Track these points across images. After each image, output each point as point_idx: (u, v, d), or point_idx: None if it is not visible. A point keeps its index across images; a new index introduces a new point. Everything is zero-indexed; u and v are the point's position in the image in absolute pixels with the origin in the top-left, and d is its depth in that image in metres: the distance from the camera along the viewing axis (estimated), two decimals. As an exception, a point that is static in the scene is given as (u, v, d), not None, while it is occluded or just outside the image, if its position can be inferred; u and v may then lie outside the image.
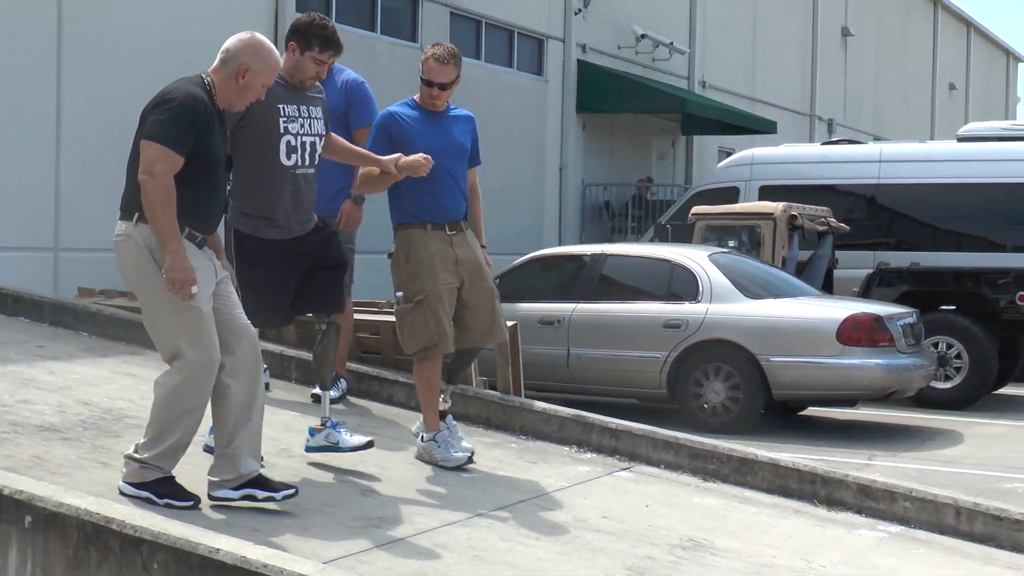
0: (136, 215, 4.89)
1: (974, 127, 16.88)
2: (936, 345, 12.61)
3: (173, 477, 4.97)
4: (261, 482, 5.08)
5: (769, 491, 6.67)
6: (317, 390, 6.27)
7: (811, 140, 28.64)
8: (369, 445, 5.91)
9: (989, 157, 15.51)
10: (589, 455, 7.02)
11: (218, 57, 5.07)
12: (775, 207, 13.30)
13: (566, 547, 5.25)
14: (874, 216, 15.85)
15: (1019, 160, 15.34)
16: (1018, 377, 14.02)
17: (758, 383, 10.39)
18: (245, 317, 5.11)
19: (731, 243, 13.59)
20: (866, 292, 13.26)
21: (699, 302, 10.74)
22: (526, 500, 5.88)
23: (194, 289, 4.81)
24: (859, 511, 6.43)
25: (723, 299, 10.72)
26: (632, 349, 10.87)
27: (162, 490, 4.91)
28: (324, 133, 5.88)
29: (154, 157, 4.79)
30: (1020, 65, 52.63)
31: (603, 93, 21.92)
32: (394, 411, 7.45)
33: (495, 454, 6.75)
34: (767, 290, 11.08)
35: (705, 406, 10.61)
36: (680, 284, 11.00)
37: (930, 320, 12.42)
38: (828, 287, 13.54)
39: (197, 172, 4.89)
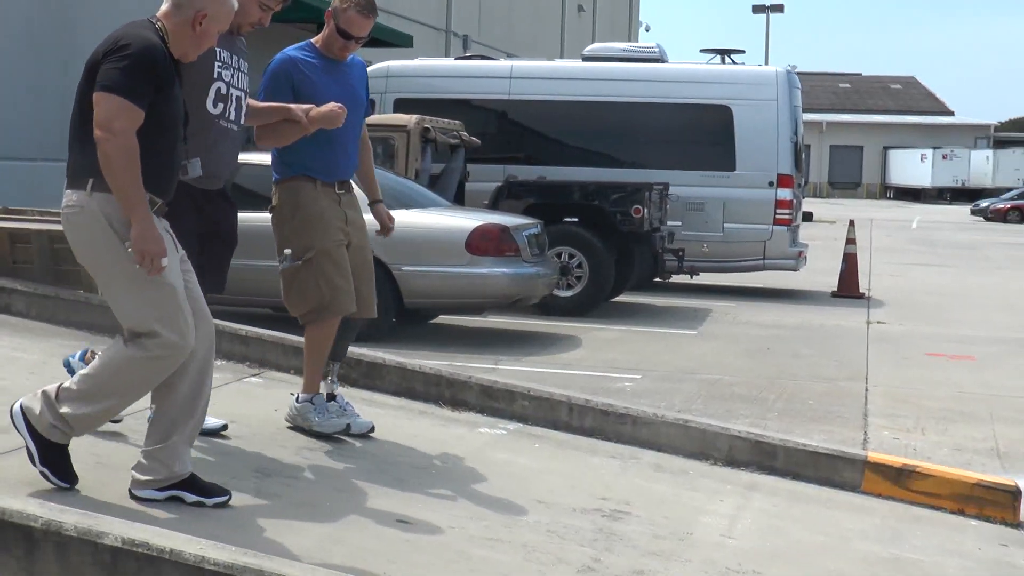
0: (90, 182, 4.29)
1: (597, 47, 17.66)
2: (559, 255, 13.24)
3: (66, 448, 4.42)
4: (192, 484, 4.53)
5: (396, 394, 6.88)
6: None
7: (446, 55, 29.05)
8: None
9: (610, 76, 16.30)
10: (219, 362, 6.98)
11: (168, 1, 4.48)
12: (408, 120, 13.48)
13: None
14: (504, 131, 16.37)
15: (637, 80, 16.22)
16: (633, 286, 14.95)
17: (390, 292, 10.59)
18: (204, 300, 4.59)
19: (367, 154, 13.69)
20: (495, 204, 13.72)
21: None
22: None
23: (164, 261, 4.26)
24: (481, 411, 6.74)
25: (354, 208, 10.81)
26: (264, 258, 10.74)
27: (49, 456, 4.37)
28: (247, 91, 5.29)
29: (113, 112, 4.19)
30: (644, -9, 55.15)
31: None
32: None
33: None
34: (399, 201, 11.24)
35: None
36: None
37: (554, 231, 13.01)
38: (460, 199, 13.91)
39: (155, 130, 4.30)
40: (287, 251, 5.73)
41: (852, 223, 18.00)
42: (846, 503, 6.04)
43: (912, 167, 71.20)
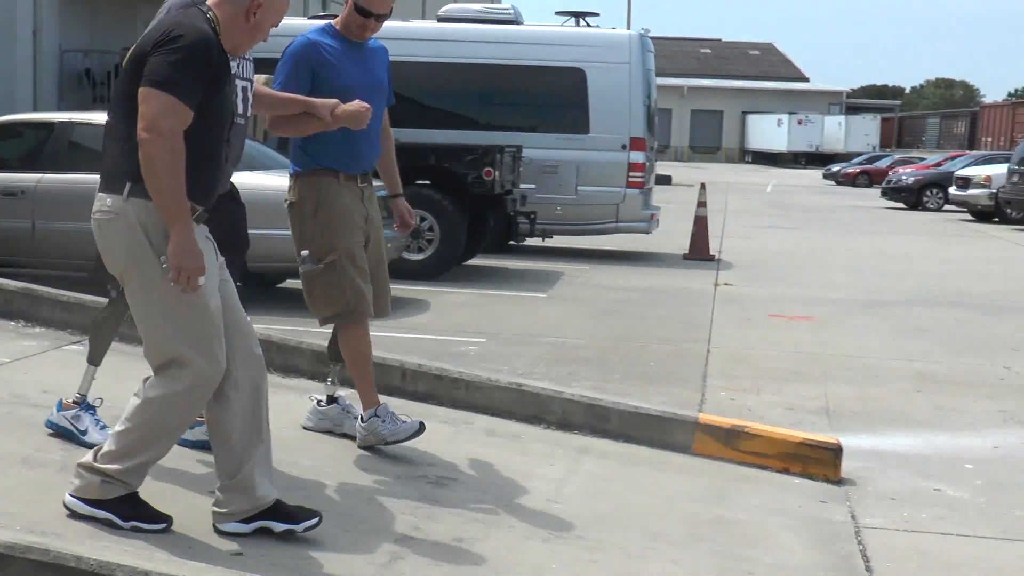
0: (128, 186, 3.93)
1: (453, 8, 17.51)
2: (410, 218, 13.12)
3: (138, 494, 4.13)
4: (278, 512, 4.22)
5: (227, 360, 6.72)
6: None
7: (304, 14, 28.54)
8: None
9: (464, 38, 16.18)
10: (38, 329, 6.75)
11: None
12: (258, 79, 13.12)
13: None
14: (357, 92, 16.15)
15: (491, 42, 16.13)
16: (486, 249, 14.92)
17: (233, 256, 10.34)
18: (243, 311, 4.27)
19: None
20: (344, 166, 13.51)
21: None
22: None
23: (202, 280, 3.91)
24: (313, 377, 6.63)
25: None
26: (79, 220, 10.49)
27: (127, 511, 4.05)
28: (253, 80, 4.95)
29: (161, 110, 3.82)
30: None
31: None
32: None
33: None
34: (247, 164, 10.95)
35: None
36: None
37: (405, 194, 12.86)
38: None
39: (201, 129, 3.93)
40: (305, 252, 5.36)
41: (703, 186, 18.25)
42: (676, 465, 6.09)
43: (769, 132, 72.63)
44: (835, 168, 53.80)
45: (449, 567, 4.30)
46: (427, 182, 13.63)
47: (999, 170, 29.22)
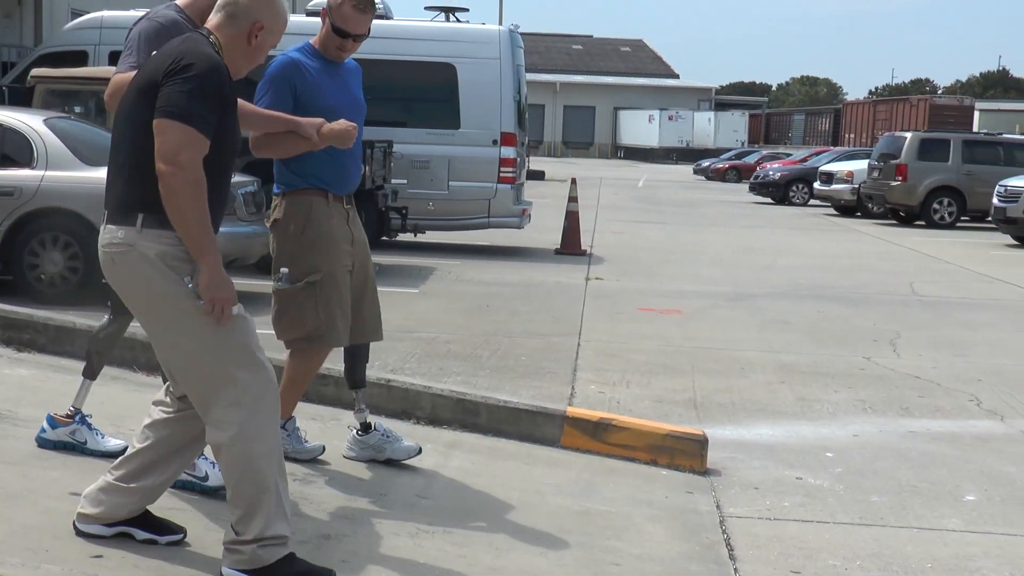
0: (140, 217, 3.82)
1: (322, 2, 17.34)
2: (279, 214, 12.95)
3: (292, 554, 3.92)
4: (143, 521, 4.13)
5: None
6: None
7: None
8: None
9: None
10: None
11: (221, 11, 4.02)
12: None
13: None
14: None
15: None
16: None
17: (96, 252, 10.11)
18: None
19: (77, 109, 13.06)
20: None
21: (34, 168, 10.27)
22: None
23: (235, 309, 3.83)
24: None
25: (60, 166, 10.30)
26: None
27: (292, 570, 3.88)
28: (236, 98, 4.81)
29: (180, 142, 3.72)
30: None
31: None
32: None
33: None
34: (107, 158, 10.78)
35: (42, 277, 10.23)
36: (13, 149, 10.45)
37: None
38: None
39: (212, 158, 3.82)
40: (284, 270, 5.15)
41: (574, 181, 18.37)
42: (545, 458, 6.13)
43: (641, 128, 73.49)
44: (705, 163, 54.65)
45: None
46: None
47: (861, 166, 30.00)
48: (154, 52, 4.09)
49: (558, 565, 4.63)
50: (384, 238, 14.99)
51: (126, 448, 4.93)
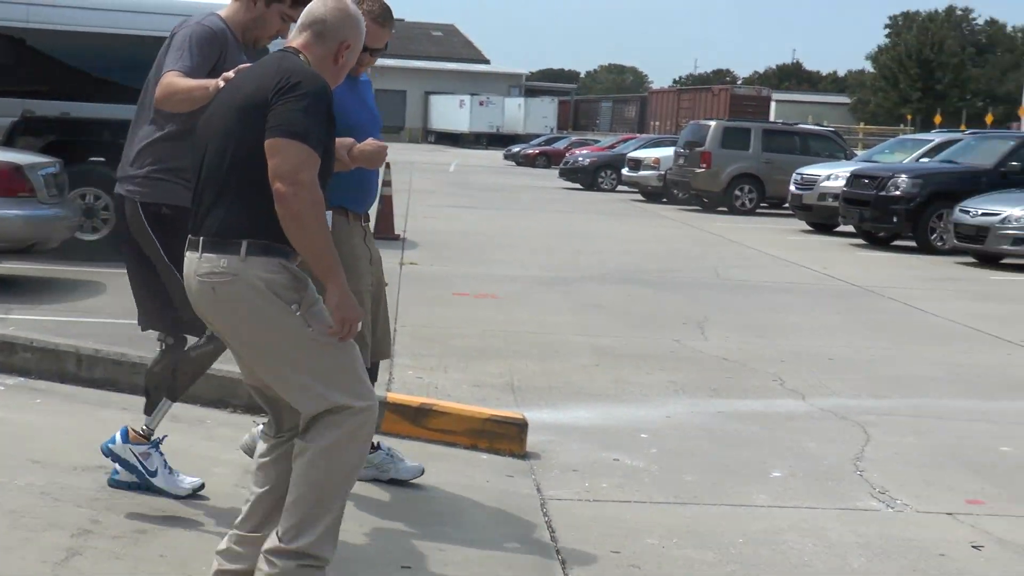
0: (244, 244, 3.66)
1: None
2: (83, 197, 12.54)
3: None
4: None
5: None
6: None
7: None
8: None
9: (131, 8, 15.51)
10: None
11: (308, 29, 3.92)
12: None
13: None
14: (23, 62, 15.24)
15: (159, 13, 15.54)
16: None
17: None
18: None
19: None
20: (10, 141, 12.79)
21: None
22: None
23: (359, 325, 3.75)
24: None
25: None
26: None
27: None
28: None
29: (300, 161, 3.59)
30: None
31: None
32: None
33: None
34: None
35: None
36: None
37: (78, 171, 12.28)
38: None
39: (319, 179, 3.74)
40: None
41: (388, 166, 18.28)
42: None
43: (452, 112, 73.68)
44: (515, 149, 55.15)
45: (131, 561, 4.16)
46: (102, 159, 13.04)
47: (667, 153, 30.72)
48: (232, 71, 4.08)
49: (383, 552, 4.62)
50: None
51: (202, 486, 4.89)
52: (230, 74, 4.10)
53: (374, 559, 4.54)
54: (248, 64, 4.11)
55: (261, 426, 5.30)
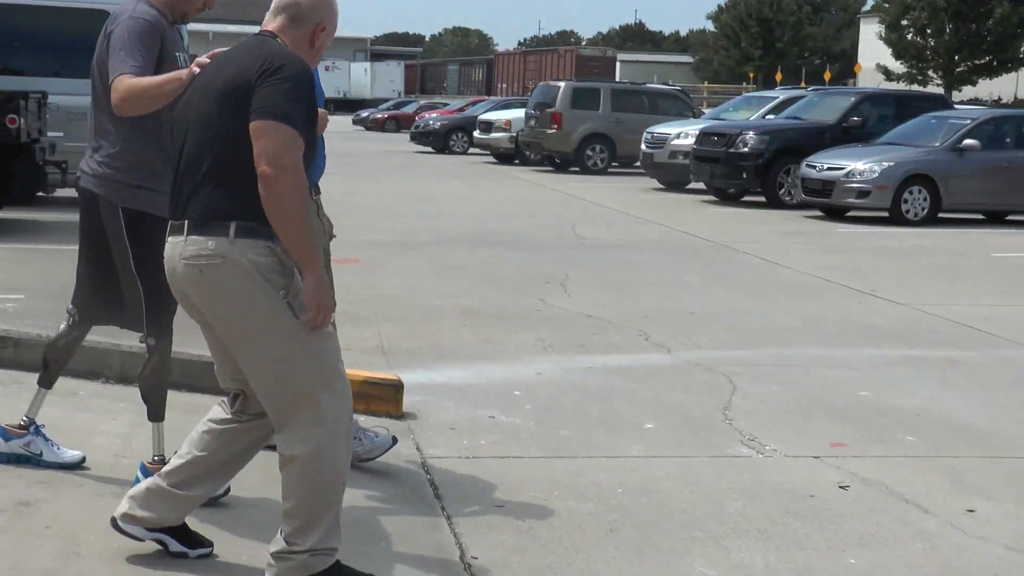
0: (233, 226, 3.64)
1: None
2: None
3: (338, 562, 3.84)
4: (181, 533, 4.04)
5: None
6: None
7: None
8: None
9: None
10: None
11: (283, 13, 3.90)
12: None
13: None
14: None
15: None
16: (11, 202, 14.03)
17: None
18: None
19: None
20: None
21: None
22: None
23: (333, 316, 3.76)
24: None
25: None
26: None
27: None
28: None
29: (284, 144, 3.59)
30: None
31: None
32: None
33: None
34: None
35: None
36: None
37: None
38: None
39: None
40: None
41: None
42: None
43: (298, 77, 72.63)
44: (364, 114, 54.79)
45: (16, 534, 4.10)
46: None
47: (518, 114, 30.89)
48: (206, 56, 4.02)
49: (272, 516, 4.63)
50: (41, 194, 14.26)
51: (83, 459, 4.81)
52: (204, 59, 4.05)
53: (260, 522, 4.55)
54: (223, 49, 4.07)
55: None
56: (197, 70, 4.03)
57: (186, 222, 3.74)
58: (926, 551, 4.70)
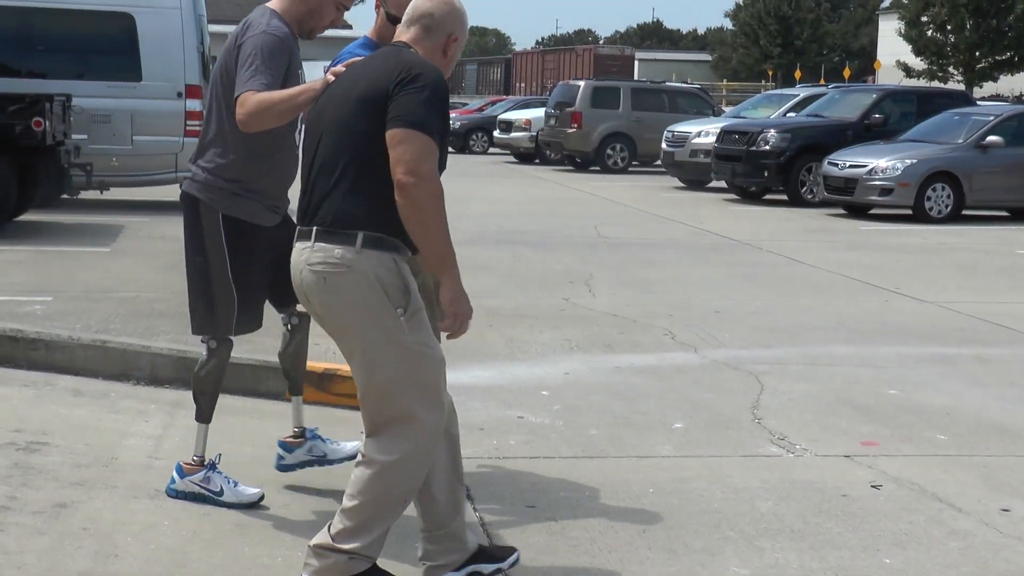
0: (360, 236, 3.66)
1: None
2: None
3: (375, 566, 3.84)
4: (485, 554, 4.09)
5: None
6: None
7: None
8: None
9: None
10: None
11: (416, 24, 3.93)
12: None
13: None
14: None
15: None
16: (39, 204, 14.11)
17: None
18: None
19: None
20: None
21: None
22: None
23: (469, 324, 3.79)
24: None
25: None
26: None
27: None
28: None
29: (422, 152, 3.61)
30: None
31: None
32: None
33: None
34: None
35: None
36: None
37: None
38: None
39: None
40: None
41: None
42: (273, 412, 6.10)
43: (317, 78, 72.67)
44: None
45: (55, 535, 4.12)
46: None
47: (537, 114, 30.88)
48: (340, 65, 4.04)
49: (301, 518, 4.65)
50: (66, 196, 14.34)
51: (262, 496, 4.79)
52: (340, 68, 4.05)
53: (291, 527, 4.57)
54: (359, 58, 4.09)
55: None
56: (332, 79, 4.04)
57: (314, 228, 3.76)
58: (961, 550, 4.68)
